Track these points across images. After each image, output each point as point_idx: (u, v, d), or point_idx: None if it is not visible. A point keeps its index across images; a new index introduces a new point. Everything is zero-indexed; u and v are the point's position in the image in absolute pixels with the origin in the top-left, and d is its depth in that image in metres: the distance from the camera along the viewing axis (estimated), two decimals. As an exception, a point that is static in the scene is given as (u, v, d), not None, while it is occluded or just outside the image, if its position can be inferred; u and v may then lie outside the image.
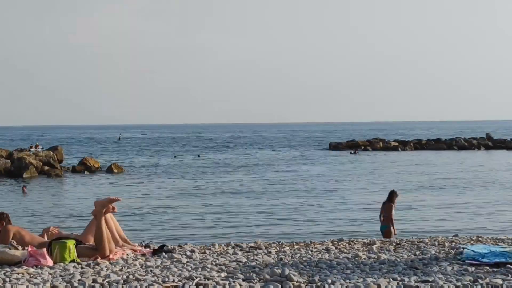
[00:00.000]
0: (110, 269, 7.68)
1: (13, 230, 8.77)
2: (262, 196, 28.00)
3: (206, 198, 27.66)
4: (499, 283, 6.87)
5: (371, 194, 28.23)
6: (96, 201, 8.78)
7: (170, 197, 28.25)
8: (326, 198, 27.19)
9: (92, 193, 30.28)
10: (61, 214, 22.91)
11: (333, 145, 74.70)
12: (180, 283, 6.88)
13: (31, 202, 26.94)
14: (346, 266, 7.92)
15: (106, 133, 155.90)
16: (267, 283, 6.85)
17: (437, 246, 9.50)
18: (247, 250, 9.39)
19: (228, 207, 24.46)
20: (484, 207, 23.71)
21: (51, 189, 33.22)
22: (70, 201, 27.36)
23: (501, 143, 73.06)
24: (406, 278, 7.05)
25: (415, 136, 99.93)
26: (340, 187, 31.86)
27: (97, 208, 8.65)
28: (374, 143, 72.81)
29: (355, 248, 9.46)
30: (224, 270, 7.62)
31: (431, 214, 22.16)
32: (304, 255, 8.78)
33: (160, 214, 22.75)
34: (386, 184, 31.29)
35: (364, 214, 22.05)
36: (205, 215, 22.56)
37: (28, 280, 7.05)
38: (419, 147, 70.97)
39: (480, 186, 31.08)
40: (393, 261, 8.22)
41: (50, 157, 42.62)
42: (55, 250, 8.21)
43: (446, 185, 32.09)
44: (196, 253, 9.01)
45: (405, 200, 26.00)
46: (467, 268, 7.69)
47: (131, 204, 25.60)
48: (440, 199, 26.28)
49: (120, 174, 41.18)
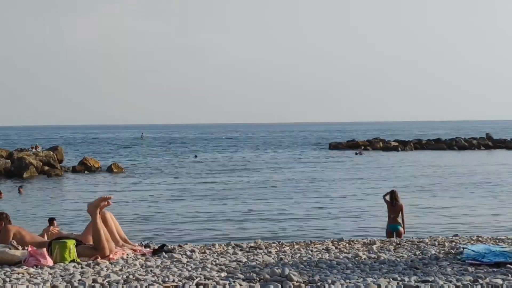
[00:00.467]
0: (110, 269, 7.69)
1: (13, 230, 8.77)
2: (263, 196, 28.01)
3: (207, 198, 27.67)
4: (499, 283, 6.87)
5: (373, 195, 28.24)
6: (89, 204, 8.79)
7: (170, 197, 28.27)
8: (322, 197, 27.22)
9: (92, 193, 30.30)
10: (60, 214, 22.91)
11: (333, 145, 74.74)
12: (180, 283, 6.87)
13: (30, 202, 26.95)
14: (346, 266, 7.92)
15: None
16: (267, 283, 6.85)
17: (437, 246, 9.50)
18: (247, 250, 9.39)
19: (228, 207, 24.47)
20: (484, 207, 23.72)
21: (51, 189, 33.22)
22: (69, 201, 27.37)
23: (501, 143, 73.17)
24: (406, 278, 7.05)
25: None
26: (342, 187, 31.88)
27: (90, 209, 8.66)
28: (374, 143, 72.85)
29: (355, 248, 9.46)
30: (224, 270, 7.62)
31: (431, 214, 22.18)
32: (304, 255, 8.78)
33: (160, 214, 22.76)
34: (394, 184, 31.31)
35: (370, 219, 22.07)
36: (205, 215, 22.58)
37: (28, 280, 7.05)
38: (419, 147, 71.07)
39: (480, 186, 31.09)
40: (393, 261, 8.22)
41: (50, 157, 42.65)
42: (55, 250, 8.21)
43: (446, 184, 32.10)
44: (196, 253, 9.01)
45: (406, 200, 26.02)
46: (467, 268, 7.69)
47: (131, 203, 25.62)
48: (439, 199, 26.29)
49: (120, 174, 41.21)
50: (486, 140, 74.07)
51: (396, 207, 13.97)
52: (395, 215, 13.97)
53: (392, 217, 14.00)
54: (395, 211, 13.98)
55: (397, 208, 13.99)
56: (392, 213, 14.01)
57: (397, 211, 13.98)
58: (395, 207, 13.98)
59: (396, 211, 13.98)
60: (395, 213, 13.98)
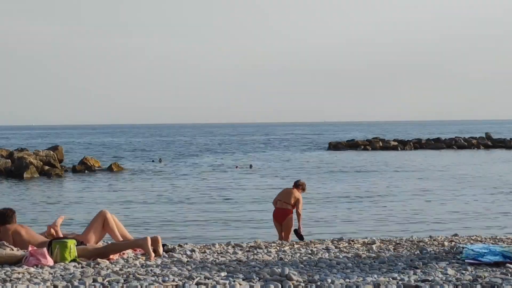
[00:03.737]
0: (111, 269, 7.70)
1: (12, 229, 8.78)
2: (264, 196, 28.01)
3: (207, 198, 27.67)
4: (498, 283, 6.88)
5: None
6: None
7: (170, 196, 28.27)
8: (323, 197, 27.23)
9: (92, 193, 30.32)
10: (60, 214, 22.90)
11: (333, 145, 74.72)
12: (180, 282, 6.89)
13: (30, 202, 26.97)
14: (346, 265, 7.94)
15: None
16: (267, 282, 6.87)
17: (437, 246, 9.51)
18: (247, 250, 9.41)
19: (229, 207, 24.48)
20: (484, 207, 23.72)
21: (51, 189, 33.24)
22: (69, 201, 27.38)
23: (500, 143, 73.25)
24: (405, 278, 7.07)
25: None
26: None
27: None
28: (374, 142, 72.86)
29: (355, 248, 9.48)
30: (224, 269, 7.64)
31: (431, 213, 22.18)
32: (304, 255, 8.80)
33: (160, 214, 22.76)
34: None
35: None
36: (205, 214, 22.58)
37: (28, 280, 7.06)
38: (419, 147, 71.18)
39: (480, 186, 31.10)
40: (392, 261, 8.24)
41: (50, 156, 42.68)
42: (56, 249, 8.23)
43: (446, 184, 32.11)
44: (196, 252, 9.03)
45: (406, 199, 26.03)
46: (466, 267, 7.71)
47: (131, 203, 25.63)
48: (439, 198, 26.30)
49: (120, 174, 41.23)
50: (485, 140, 74.16)
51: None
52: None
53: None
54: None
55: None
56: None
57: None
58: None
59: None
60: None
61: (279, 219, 13.25)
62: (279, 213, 13.28)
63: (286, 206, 13.24)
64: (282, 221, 13.19)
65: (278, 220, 13.28)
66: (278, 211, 13.32)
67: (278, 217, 13.28)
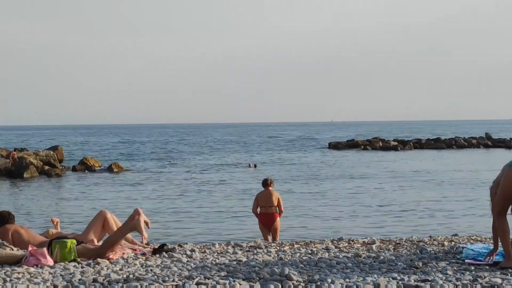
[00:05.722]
0: (111, 269, 7.70)
1: (11, 229, 8.78)
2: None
3: (207, 197, 27.68)
4: (498, 283, 6.88)
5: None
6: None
7: (170, 196, 28.28)
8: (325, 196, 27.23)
9: (91, 192, 30.32)
10: (60, 214, 22.93)
11: (333, 145, 74.72)
12: (180, 282, 6.89)
13: (30, 202, 26.96)
14: (345, 265, 7.94)
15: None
16: (267, 282, 6.87)
17: (437, 246, 9.52)
18: (247, 250, 9.41)
19: (229, 207, 24.48)
20: (484, 206, 23.73)
21: (51, 189, 33.24)
22: (69, 201, 27.39)
23: (500, 142, 73.30)
24: (405, 277, 7.07)
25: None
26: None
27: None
28: (374, 142, 72.87)
29: (355, 247, 9.48)
30: (224, 269, 7.64)
31: (430, 213, 22.19)
32: (304, 255, 8.80)
33: (160, 213, 22.77)
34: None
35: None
36: (205, 214, 22.59)
37: (28, 280, 7.06)
38: (419, 147, 71.20)
39: (480, 185, 31.10)
40: (392, 260, 8.24)
41: (50, 156, 42.68)
42: (56, 249, 8.23)
43: (446, 183, 32.12)
44: (196, 252, 9.03)
45: (406, 198, 26.04)
46: (466, 267, 7.71)
47: (130, 203, 25.62)
48: (439, 198, 26.31)
49: (120, 173, 41.23)
50: (485, 140, 74.19)
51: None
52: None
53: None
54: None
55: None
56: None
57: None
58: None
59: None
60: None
61: (268, 224, 13.26)
62: (268, 218, 13.26)
63: (272, 210, 13.24)
64: (271, 226, 13.22)
65: (267, 225, 13.28)
66: (266, 217, 13.27)
67: (267, 223, 13.27)
